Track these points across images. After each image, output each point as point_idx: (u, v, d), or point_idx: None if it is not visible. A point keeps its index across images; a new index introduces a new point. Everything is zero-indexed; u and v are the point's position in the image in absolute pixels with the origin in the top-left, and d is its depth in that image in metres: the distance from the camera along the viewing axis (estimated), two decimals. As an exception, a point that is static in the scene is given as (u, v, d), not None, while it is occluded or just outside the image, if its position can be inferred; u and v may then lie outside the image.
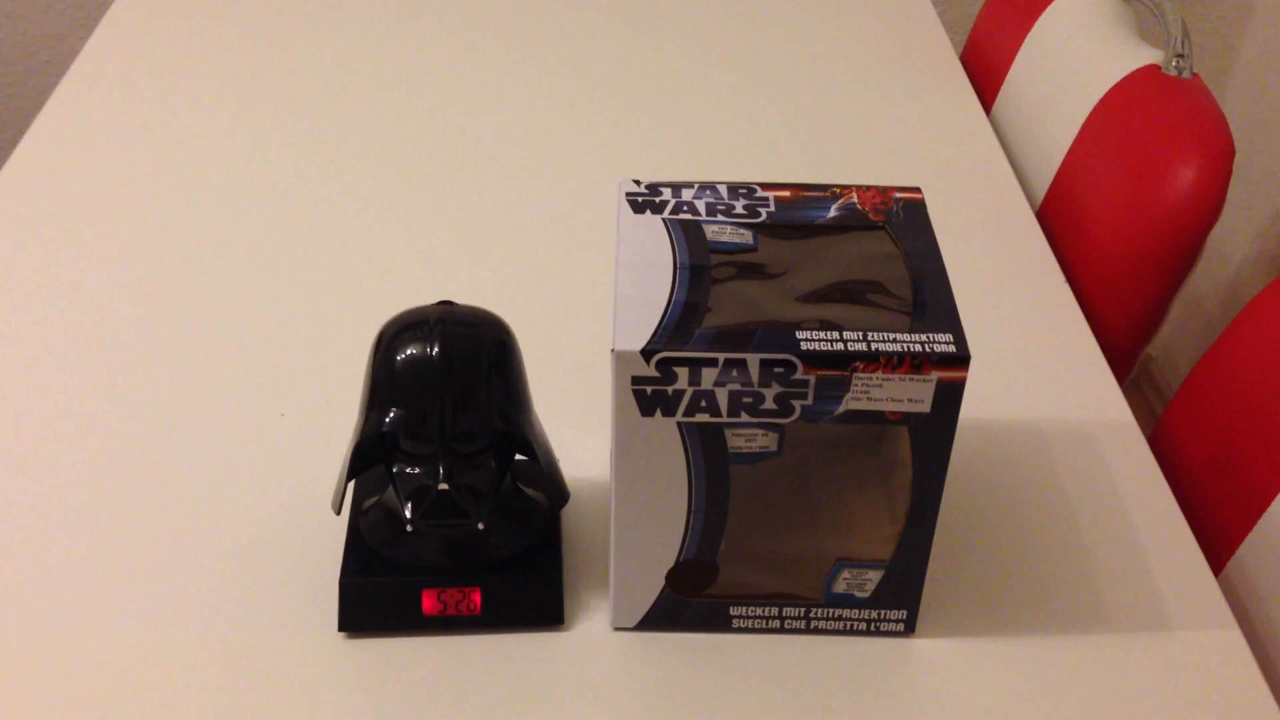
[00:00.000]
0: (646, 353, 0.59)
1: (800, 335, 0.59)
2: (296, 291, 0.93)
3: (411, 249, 0.98)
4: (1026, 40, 1.19)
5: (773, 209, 0.67)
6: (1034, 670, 0.68)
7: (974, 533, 0.75)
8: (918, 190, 0.69)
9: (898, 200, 0.68)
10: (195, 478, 0.78)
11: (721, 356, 0.59)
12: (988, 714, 0.66)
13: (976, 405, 0.84)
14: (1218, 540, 0.83)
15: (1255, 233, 1.76)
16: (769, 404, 0.60)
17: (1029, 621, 0.70)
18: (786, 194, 0.69)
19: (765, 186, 0.69)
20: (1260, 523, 0.79)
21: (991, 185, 1.06)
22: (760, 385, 0.59)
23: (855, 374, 0.59)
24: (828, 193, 0.69)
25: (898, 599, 0.68)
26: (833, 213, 0.67)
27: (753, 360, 0.59)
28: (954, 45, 1.28)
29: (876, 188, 0.69)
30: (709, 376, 0.59)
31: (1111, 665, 0.68)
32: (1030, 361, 0.88)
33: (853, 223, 0.67)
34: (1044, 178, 1.11)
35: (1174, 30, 1.03)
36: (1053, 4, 1.17)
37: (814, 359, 0.59)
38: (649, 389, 0.59)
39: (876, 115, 1.16)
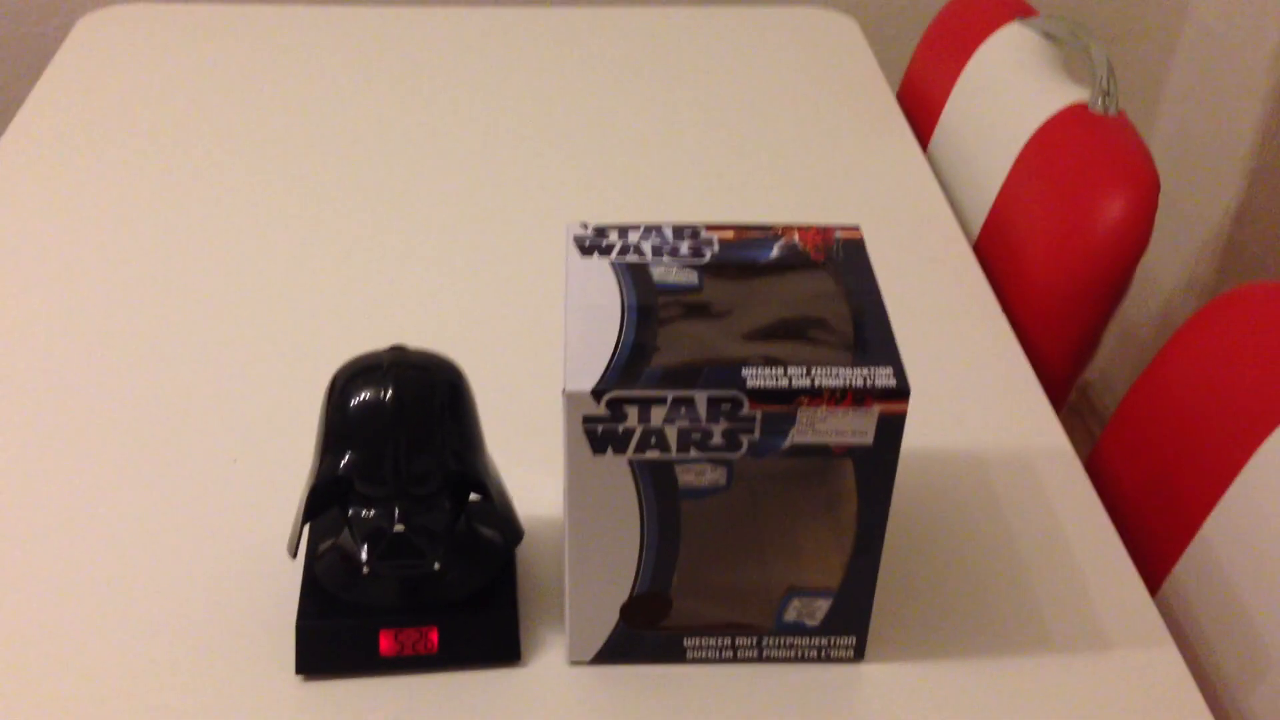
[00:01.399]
0: (597, 392, 0.60)
1: (746, 372, 0.61)
2: (246, 339, 0.94)
3: (361, 295, 0.99)
4: (959, 80, 1.22)
5: (717, 250, 0.69)
6: (978, 692, 0.70)
7: (918, 560, 0.77)
8: (856, 229, 0.72)
9: (838, 240, 0.71)
10: (147, 523, 0.78)
11: (670, 395, 0.60)
12: (936, 737, 0.67)
13: (918, 436, 0.87)
14: (1153, 561, 0.86)
15: (1184, 261, 1.82)
16: (717, 439, 0.62)
17: (972, 645, 0.72)
18: (730, 235, 0.71)
19: (709, 227, 0.71)
20: (1193, 543, 0.82)
21: (929, 221, 1.09)
22: (708, 421, 0.61)
23: (800, 409, 0.61)
24: (770, 232, 0.71)
25: (847, 626, 0.69)
26: (775, 253, 0.69)
27: (700, 397, 0.60)
28: (891, 85, 1.32)
29: (817, 227, 0.72)
30: (658, 414, 0.61)
31: (1053, 685, 0.70)
32: (969, 392, 0.91)
33: (795, 262, 0.69)
34: (979, 213, 1.14)
35: (1100, 69, 1.07)
36: (983, 45, 1.20)
37: (759, 395, 0.61)
38: (600, 428, 0.61)
39: (815, 154, 1.18)
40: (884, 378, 0.61)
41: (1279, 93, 1.62)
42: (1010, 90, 1.14)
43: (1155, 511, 0.86)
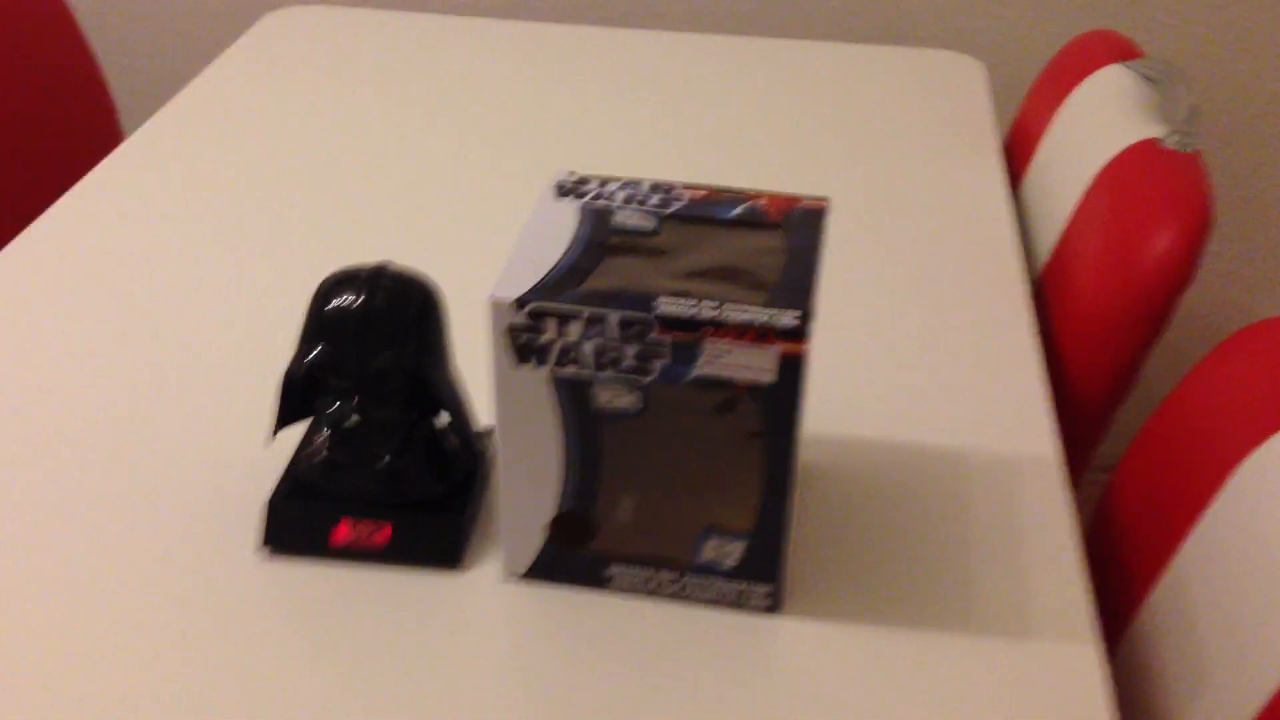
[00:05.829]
0: (520, 302, 0.65)
1: (660, 300, 0.65)
2: (258, 257, 1.03)
3: (381, 239, 1.07)
4: (1054, 118, 1.22)
5: (684, 204, 0.74)
6: (889, 659, 0.71)
7: (872, 532, 0.79)
8: (824, 200, 0.75)
9: (802, 207, 0.74)
10: (159, 417, 0.88)
11: (586, 311, 0.65)
12: (839, 694, 0.69)
13: (909, 426, 0.88)
14: (1136, 583, 0.84)
15: None
16: (629, 362, 0.66)
17: (897, 615, 0.73)
18: (702, 194, 0.75)
19: (685, 187, 0.76)
20: (1164, 575, 0.80)
21: (991, 250, 1.10)
22: (621, 342, 0.65)
23: (705, 339, 0.65)
24: (740, 196, 0.75)
25: (761, 573, 0.72)
26: (737, 212, 0.73)
27: (612, 317, 0.65)
28: (1009, 121, 1.33)
29: (787, 195, 0.75)
30: (575, 330, 0.65)
31: (970, 663, 0.70)
32: (975, 397, 0.91)
33: (752, 221, 0.73)
34: (1050, 244, 1.14)
35: (1181, 107, 1.06)
36: (1081, 85, 1.20)
37: (668, 322, 0.65)
38: (522, 337, 0.66)
39: (900, 187, 1.21)
40: (788, 319, 0.64)
41: None
42: (1095, 127, 1.14)
43: (1142, 534, 0.85)
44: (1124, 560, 0.87)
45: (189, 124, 1.28)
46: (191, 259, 1.05)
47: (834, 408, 0.90)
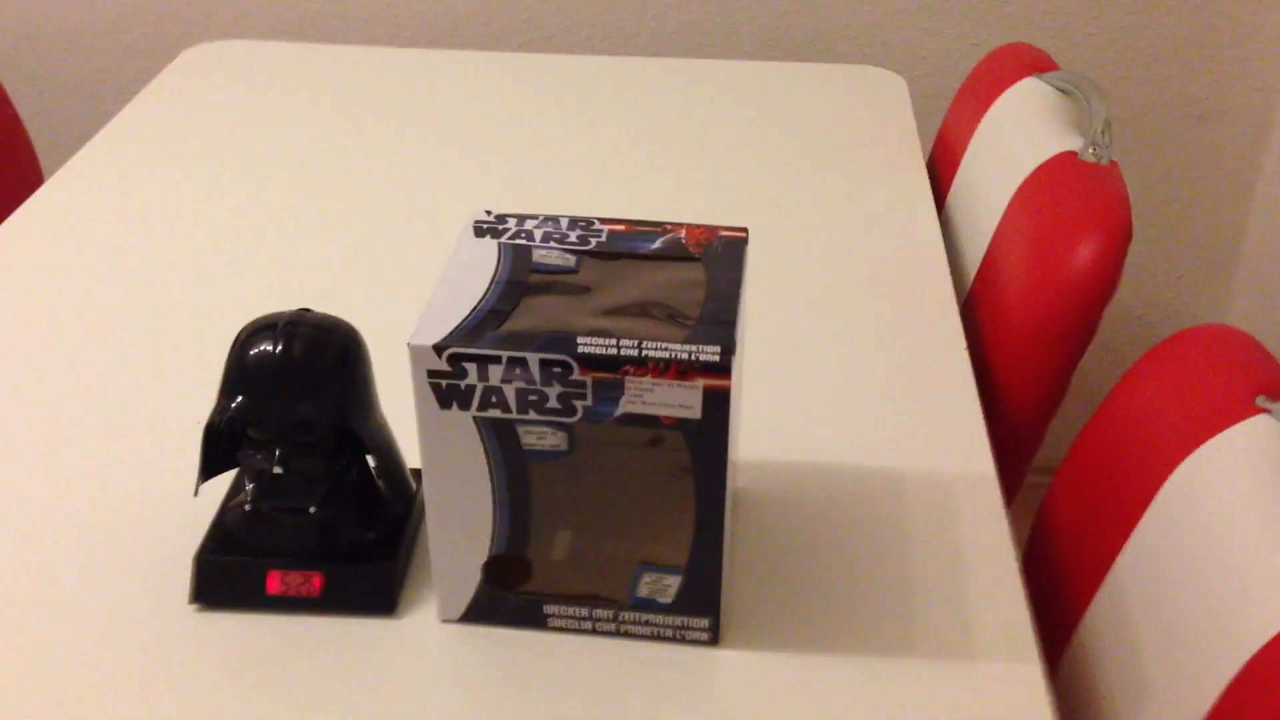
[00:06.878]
0: (439, 347, 0.65)
1: (580, 340, 0.65)
2: (181, 302, 1.02)
3: (302, 285, 1.06)
4: (976, 132, 1.24)
5: (604, 239, 0.74)
6: (832, 685, 0.71)
7: (811, 558, 0.79)
8: (743, 230, 0.75)
9: (721, 237, 0.74)
10: (85, 469, 0.86)
11: (505, 354, 0.64)
12: (769, 721, 0.69)
13: (845, 449, 0.88)
14: (1075, 597, 0.84)
15: (1273, 346, 1.75)
16: (553, 403, 0.66)
17: (840, 642, 0.73)
18: (621, 228, 0.75)
19: (604, 221, 0.76)
20: (1102, 587, 0.81)
21: (921, 266, 1.11)
22: (543, 384, 0.65)
23: (627, 377, 0.64)
24: (660, 228, 0.75)
25: (699, 606, 0.71)
26: (656, 245, 0.73)
27: (533, 359, 0.64)
28: (932, 135, 1.34)
29: (706, 226, 0.75)
30: (495, 373, 0.65)
31: (915, 689, 0.71)
32: (912, 418, 0.91)
33: (672, 254, 0.72)
34: (978, 259, 1.15)
35: (1096, 121, 1.07)
36: (999, 99, 1.22)
37: (588, 361, 0.64)
38: (444, 383, 0.66)
39: (828, 204, 1.21)
40: (709, 354, 0.64)
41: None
42: (1014, 141, 1.15)
43: (1080, 545, 0.85)
44: (1063, 572, 0.88)
45: (109, 165, 1.26)
46: (113, 304, 1.03)
47: (767, 432, 0.90)
